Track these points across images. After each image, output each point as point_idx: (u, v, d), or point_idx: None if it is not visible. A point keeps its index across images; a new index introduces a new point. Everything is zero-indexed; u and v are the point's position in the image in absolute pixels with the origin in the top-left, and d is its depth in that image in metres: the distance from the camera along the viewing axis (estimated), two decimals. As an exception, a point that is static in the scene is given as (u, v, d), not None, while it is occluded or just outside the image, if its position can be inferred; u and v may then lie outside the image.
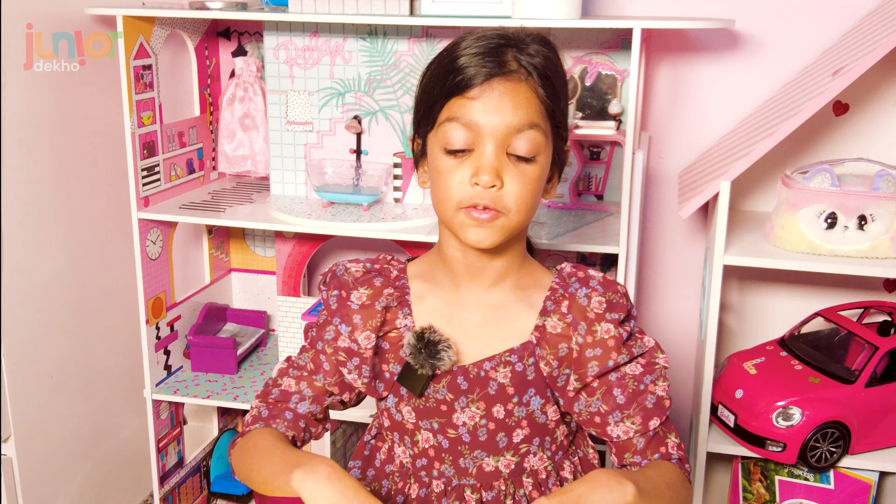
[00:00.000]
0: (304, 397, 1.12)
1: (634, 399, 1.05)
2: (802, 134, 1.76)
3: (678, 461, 1.06)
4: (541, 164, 1.02)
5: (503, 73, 0.98)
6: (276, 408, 1.12)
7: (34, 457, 1.73)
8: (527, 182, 1.00)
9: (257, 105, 1.95)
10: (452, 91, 0.99)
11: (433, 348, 1.05)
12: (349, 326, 1.10)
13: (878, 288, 1.87)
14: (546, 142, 1.02)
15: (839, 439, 1.60)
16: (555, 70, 1.03)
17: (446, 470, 1.11)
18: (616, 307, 1.06)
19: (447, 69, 1.01)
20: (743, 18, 1.79)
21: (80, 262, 1.84)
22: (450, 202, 1.01)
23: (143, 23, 1.71)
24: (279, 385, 1.14)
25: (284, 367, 1.16)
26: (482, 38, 1.01)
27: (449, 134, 1.00)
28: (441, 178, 1.02)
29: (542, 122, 1.01)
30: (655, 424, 1.05)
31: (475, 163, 0.99)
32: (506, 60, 0.99)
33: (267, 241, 2.14)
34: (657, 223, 1.96)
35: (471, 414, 1.08)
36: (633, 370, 1.06)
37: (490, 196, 0.99)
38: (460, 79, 0.99)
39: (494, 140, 0.98)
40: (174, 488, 1.97)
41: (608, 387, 1.06)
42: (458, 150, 1.00)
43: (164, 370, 1.90)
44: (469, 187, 0.99)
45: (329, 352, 1.12)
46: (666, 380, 1.07)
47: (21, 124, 1.63)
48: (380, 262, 1.14)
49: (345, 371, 1.11)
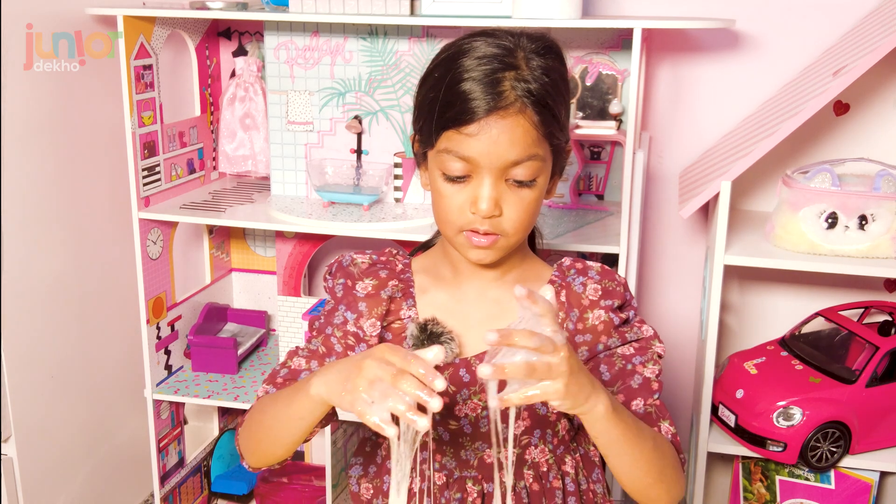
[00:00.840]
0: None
1: (620, 377, 1.05)
2: (803, 134, 1.76)
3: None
4: (540, 184, 1.02)
5: (500, 108, 0.97)
6: (286, 386, 1.09)
7: (35, 456, 1.74)
8: (526, 206, 1.02)
9: (258, 105, 1.95)
10: (449, 124, 0.99)
11: (436, 340, 1.06)
12: (354, 314, 1.10)
13: (879, 288, 1.87)
14: (545, 164, 1.02)
15: (840, 439, 1.60)
16: (554, 87, 1.01)
17: (448, 462, 1.11)
18: (611, 294, 1.07)
19: (446, 95, 0.99)
20: (743, 18, 1.79)
21: (81, 262, 1.84)
22: (451, 225, 1.03)
23: (143, 23, 1.71)
24: (288, 366, 1.12)
25: (293, 350, 1.14)
26: (483, 57, 0.99)
27: (447, 164, 1.01)
28: (441, 201, 1.03)
29: (540, 148, 1.00)
30: (639, 405, 1.05)
31: (474, 191, 1.00)
32: (503, 91, 0.97)
33: (267, 240, 2.14)
34: (658, 223, 1.96)
35: (472, 406, 1.09)
36: (624, 351, 1.06)
37: (489, 223, 1.01)
38: (457, 112, 0.98)
39: (492, 174, 0.99)
40: (175, 488, 1.97)
41: (595, 364, 1.06)
42: (456, 177, 1.01)
43: (164, 370, 1.90)
44: (468, 213, 1.01)
45: (339, 335, 1.11)
46: (657, 364, 1.07)
47: (21, 124, 1.63)
48: (385, 255, 1.15)
49: (353, 354, 1.10)
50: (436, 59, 1.05)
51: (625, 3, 1.85)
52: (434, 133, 1.01)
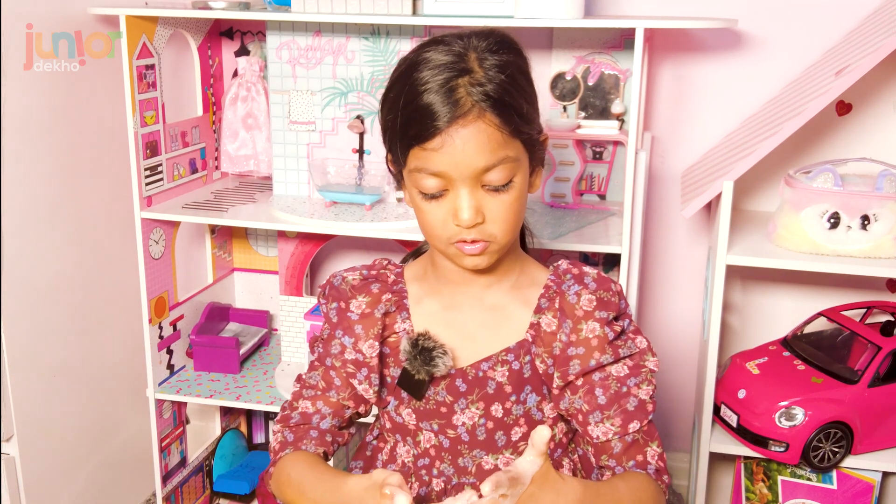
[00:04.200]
0: (324, 415, 1.14)
1: (616, 401, 1.05)
2: (805, 134, 1.76)
3: (655, 472, 1.06)
4: (518, 183, 1.01)
5: (459, 116, 0.95)
6: (300, 430, 1.13)
7: (37, 456, 1.74)
8: (507, 207, 1.01)
9: (260, 105, 1.95)
10: (413, 142, 0.98)
11: (428, 355, 1.06)
12: (352, 338, 1.10)
13: (881, 288, 1.86)
14: (519, 162, 1.01)
15: (842, 439, 1.60)
16: (513, 82, 0.99)
17: (446, 469, 1.11)
18: (606, 305, 1.05)
19: (404, 114, 0.98)
20: (746, 18, 1.79)
21: (83, 261, 1.84)
22: (438, 239, 1.03)
23: (145, 22, 1.71)
24: (296, 408, 1.15)
25: (297, 390, 1.17)
26: (435, 68, 0.97)
27: (421, 182, 1.00)
28: (424, 218, 1.03)
29: (509, 148, 0.99)
30: (635, 428, 1.05)
31: (453, 203, 1.00)
32: (458, 99, 0.95)
33: (269, 240, 2.14)
34: (660, 223, 1.96)
35: (470, 414, 1.09)
36: (619, 371, 1.06)
37: (475, 230, 1.00)
38: (418, 130, 0.97)
39: (466, 183, 0.98)
40: (177, 488, 1.97)
41: (591, 386, 1.05)
42: (433, 194, 1.00)
43: (166, 369, 1.90)
44: (453, 226, 1.00)
45: (338, 366, 1.12)
46: (651, 384, 1.06)
47: (21, 124, 1.63)
48: (376, 268, 1.15)
49: (355, 382, 1.12)
50: (392, 76, 1.03)
51: (627, 2, 1.85)
52: (402, 153, 1.00)
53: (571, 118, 1.86)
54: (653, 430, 1.08)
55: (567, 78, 1.86)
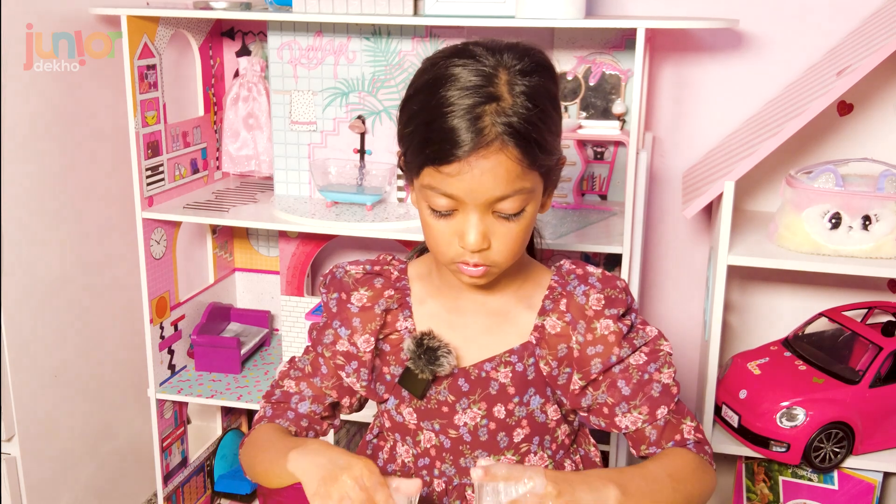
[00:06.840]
0: (304, 397, 1.14)
1: (640, 389, 1.06)
2: (806, 134, 1.76)
3: (695, 444, 1.06)
4: (529, 212, 1.00)
5: (481, 147, 0.93)
6: (279, 407, 1.15)
7: (38, 456, 1.74)
8: (515, 236, 1.00)
9: (261, 105, 1.95)
10: (429, 161, 0.96)
11: (432, 354, 1.05)
12: (348, 329, 1.10)
13: (883, 288, 1.86)
14: (533, 192, 0.99)
15: (843, 440, 1.60)
16: (541, 113, 0.96)
17: (447, 469, 1.11)
18: (615, 302, 1.06)
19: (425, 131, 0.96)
20: (747, 18, 1.78)
21: (84, 261, 1.84)
22: (441, 256, 1.02)
23: (147, 22, 1.71)
24: (281, 386, 1.17)
25: (286, 370, 1.18)
26: (463, 89, 0.94)
27: (432, 199, 0.98)
28: (430, 231, 1.02)
29: (526, 181, 0.97)
30: (664, 412, 1.06)
31: (460, 225, 0.98)
32: (483, 129, 0.92)
33: (271, 240, 2.14)
34: (661, 223, 1.96)
35: (472, 414, 1.08)
36: (637, 360, 1.06)
37: (479, 255, 0.99)
38: (437, 151, 0.94)
39: (477, 209, 0.97)
40: (178, 487, 1.98)
41: (612, 379, 1.06)
42: (441, 212, 0.99)
43: (167, 370, 1.90)
44: (457, 246, 0.99)
45: (327, 355, 1.13)
46: (671, 366, 1.07)
47: (22, 124, 1.63)
48: (380, 264, 1.14)
49: (343, 374, 1.12)
50: (416, 81, 1.00)
51: (628, 3, 1.85)
52: (416, 167, 0.99)
53: (573, 118, 1.86)
54: (682, 407, 1.08)
55: (568, 78, 1.86)
